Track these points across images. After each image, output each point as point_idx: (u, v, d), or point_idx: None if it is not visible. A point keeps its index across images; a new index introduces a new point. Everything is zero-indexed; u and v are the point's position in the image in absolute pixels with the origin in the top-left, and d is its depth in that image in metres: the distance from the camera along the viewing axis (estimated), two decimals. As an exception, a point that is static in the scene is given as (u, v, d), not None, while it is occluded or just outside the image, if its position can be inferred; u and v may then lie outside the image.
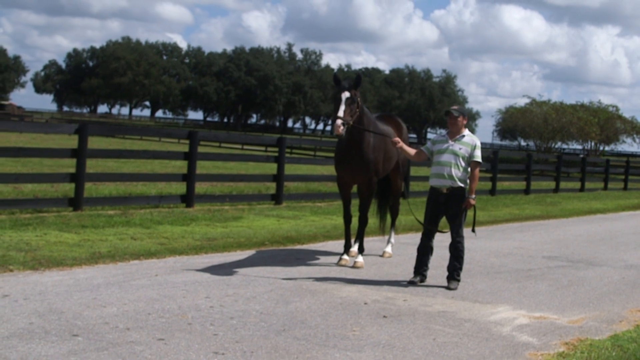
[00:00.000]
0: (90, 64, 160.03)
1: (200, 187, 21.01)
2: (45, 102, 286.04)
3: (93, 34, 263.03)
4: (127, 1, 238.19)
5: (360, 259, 13.03)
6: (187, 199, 19.86)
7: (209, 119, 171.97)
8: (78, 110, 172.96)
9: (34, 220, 15.13)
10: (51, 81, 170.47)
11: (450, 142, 11.67)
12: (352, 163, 12.86)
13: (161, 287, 10.25)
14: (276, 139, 24.29)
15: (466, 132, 11.82)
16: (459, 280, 11.63)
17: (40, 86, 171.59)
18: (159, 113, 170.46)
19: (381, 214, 15.15)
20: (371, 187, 13.29)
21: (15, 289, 9.65)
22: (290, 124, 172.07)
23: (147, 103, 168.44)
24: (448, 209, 11.61)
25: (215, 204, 20.58)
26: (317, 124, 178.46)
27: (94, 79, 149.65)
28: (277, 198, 22.38)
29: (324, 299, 10.22)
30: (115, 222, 15.90)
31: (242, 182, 23.90)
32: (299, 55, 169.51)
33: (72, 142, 25.24)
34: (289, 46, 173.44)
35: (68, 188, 18.99)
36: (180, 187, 20.61)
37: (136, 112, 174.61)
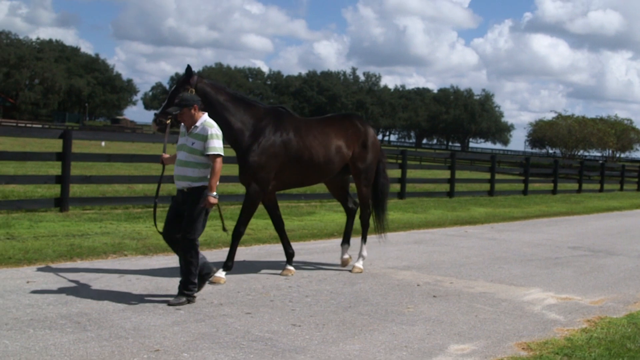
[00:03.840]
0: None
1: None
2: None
3: (191, 60, 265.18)
4: (218, 33, 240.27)
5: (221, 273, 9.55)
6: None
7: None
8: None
9: (144, 214, 15.34)
10: (157, 100, 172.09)
11: (186, 137, 8.46)
12: (239, 162, 9.93)
13: (248, 269, 10.32)
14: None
15: (201, 120, 8.40)
16: (186, 295, 8.14)
17: (148, 104, 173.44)
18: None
19: (347, 225, 11.52)
20: (249, 193, 9.88)
21: (129, 270, 9.79)
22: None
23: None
24: (187, 209, 8.33)
25: (292, 201, 20.65)
26: (377, 134, 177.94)
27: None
28: (343, 196, 22.33)
29: (383, 281, 10.19)
30: (210, 215, 16.01)
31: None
32: (362, 78, 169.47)
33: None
34: (353, 70, 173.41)
35: (172, 187, 19.18)
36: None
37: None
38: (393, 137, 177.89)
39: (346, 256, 11.14)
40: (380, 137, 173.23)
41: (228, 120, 9.65)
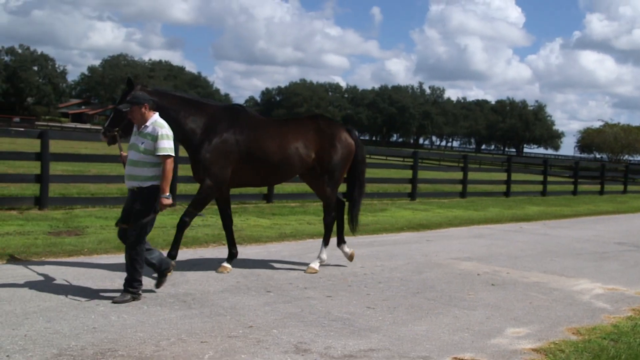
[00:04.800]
0: (278, 98, 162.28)
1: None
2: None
3: (279, 77, 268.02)
4: (302, 53, 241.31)
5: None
6: (346, 195, 19.97)
7: (361, 137, 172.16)
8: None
9: (239, 209, 15.53)
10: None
11: (136, 137, 7.45)
12: (191, 161, 8.90)
13: (329, 258, 10.35)
14: (411, 152, 24.17)
15: (151, 120, 7.39)
16: (131, 292, 7.19)
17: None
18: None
19: (337, 224, 10.37)
20: (202, 188, 8.76)
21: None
22: (421, 141, 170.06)
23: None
24: (136, 208, 7.30)
25: (367, 199, 20.61)
26: (441, 141, 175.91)
27: (281, 109, 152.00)
28: (412, 195, 22.26)
29: (448, 270, 10.09)
30: (296, 211, 16.16)
31: (387, 183, 23.82)
32: (428, 91, 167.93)
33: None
34: (420, 84, 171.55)
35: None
36: (341, 187, 20.66)
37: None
38: (455, 143, 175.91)
39: (347, 250, 10.11)
40: (443, 143, 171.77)
41: (179, 121, 8.53)
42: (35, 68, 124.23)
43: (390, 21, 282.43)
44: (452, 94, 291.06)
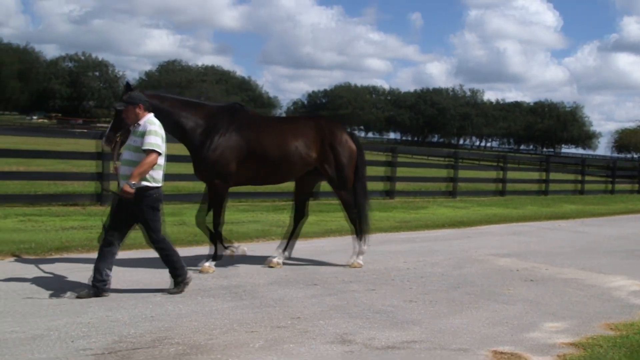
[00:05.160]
0: (323, 101, 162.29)
1: (399, 185, 20.93)
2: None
3: (324, 80, 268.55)
4: (346, 57, 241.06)
5: (209, 263, 8.51)
6: (390, 193, 19.98)
7: (403, 138, 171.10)
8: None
9: (287, 206, 15.55)
10: (297, 113, 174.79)
11: (130, 137, 7.15)
12: (194, 161, 8.67)
13: (372, 254, 10.31)
14: (451, 152, 24.05)
15: (144, 119, 7.08)
16: (179, 281, 7.18)
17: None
18: (369, 134, 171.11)
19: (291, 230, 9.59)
20: (213, 188, 8.62)
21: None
22: (460, 141, 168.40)
23: (362, 127, 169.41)
24: (132, 212, 6.97)
25: (409, 197, 20.54)
26: (480, 141, 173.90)
27: (326, 111, 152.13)
28: (452, 194, 22.14)
29: (487, 266, 9.98)
30: (339, 208, 16.12)
31: (427, 182, 23.68)
32: (467, 93, 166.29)
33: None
34: (460, 86, 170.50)
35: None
36: (385, 185, 20.61)
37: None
38: (494, 144, 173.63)
39: (276, 259, 9.09)
40: (482, 143, 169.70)
41: (179, 122, 8.38)
42: (97, 73, 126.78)
43: (430, 26, 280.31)
44: (491, 95, 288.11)
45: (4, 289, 6.95)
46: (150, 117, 7.13)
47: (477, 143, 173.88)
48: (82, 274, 7.55)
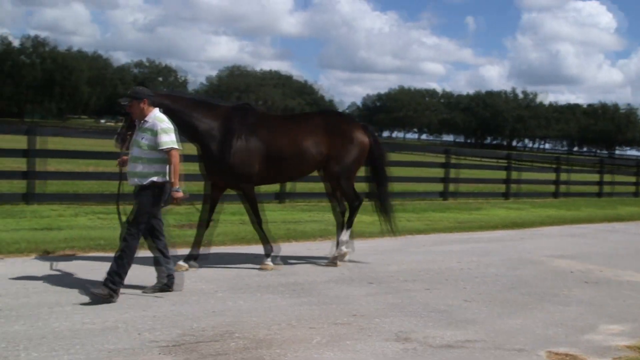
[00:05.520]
0: (378, 104, 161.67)
1: (453, 186, 20.66)
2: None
3: (379, 83, 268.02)
4: (401, 61, 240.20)
5: (268, 261, 8.52)
6: (444, 194, 19.80)
7: (457, 140, 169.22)
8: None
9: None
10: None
11: (137, 132, 6.89)
12: (210, 163, 8.36)
13: (427, 254, 10.24)
14: (505, 154, 23.67)
15: (151, 115, 6.84)
16: (109, 287, 6.38)
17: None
18: (424, 136, 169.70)
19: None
20: (244, 193, 8.52)
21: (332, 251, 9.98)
22: (514, 143, 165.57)
23: (415, 129, 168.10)
24: (137, 202, 6.79)
25: (463, 198, 20.28)
26: (533, 143, 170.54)
27: (381, 114, 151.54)
28: (506, 195, 21.75)
29: (541, 267, 9.76)
30: (395, 209, 16.01)
31: (481, 183, 23.34)
32: (520, 95, 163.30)
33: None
34: (513, 89, 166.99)
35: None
36: (438, 186, 20.39)
37: (409, 135, 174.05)
38: (548, 146, 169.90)
39: (338, 251, 9.17)
40: (536, 145, 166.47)
41: (193, 124, 8.10)
42: (160, 79, 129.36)
43: (483, 29, 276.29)
44: (545, 98, 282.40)
45: (78, 282, 7.13)
46: (157, 113, 6.91)
47: (531, 145, 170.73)
48: (148, 269, 7.69)
